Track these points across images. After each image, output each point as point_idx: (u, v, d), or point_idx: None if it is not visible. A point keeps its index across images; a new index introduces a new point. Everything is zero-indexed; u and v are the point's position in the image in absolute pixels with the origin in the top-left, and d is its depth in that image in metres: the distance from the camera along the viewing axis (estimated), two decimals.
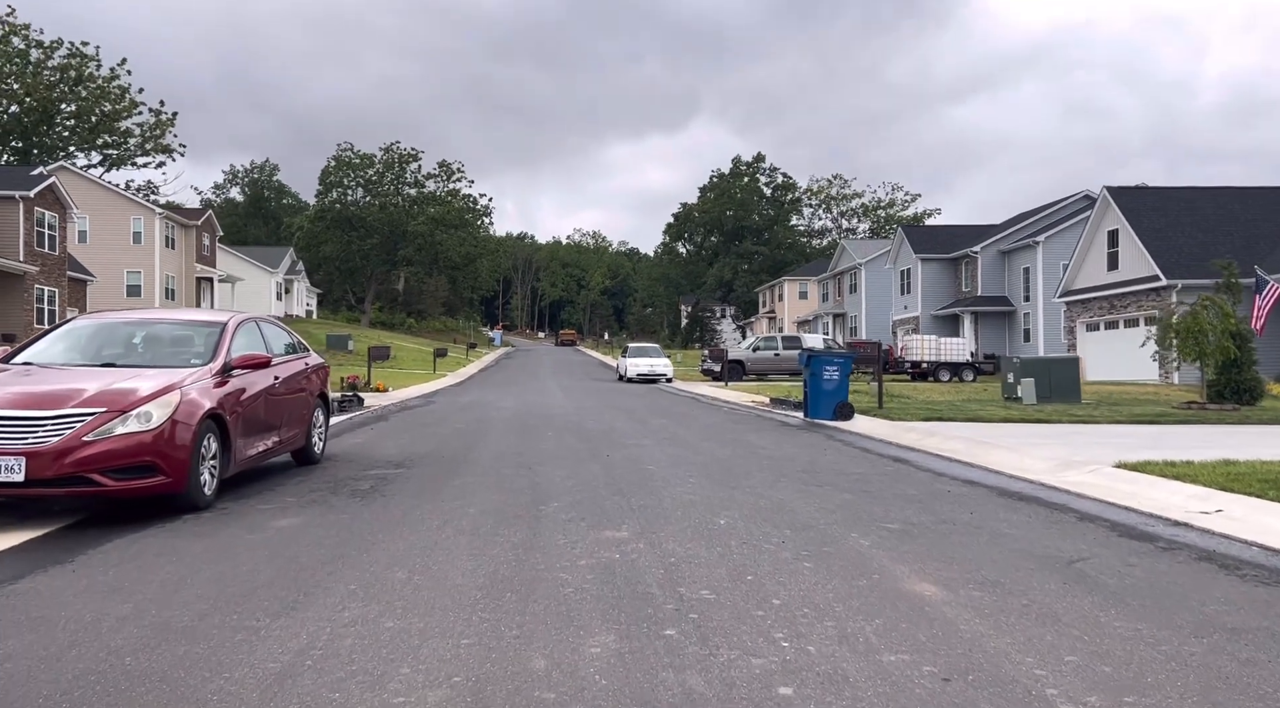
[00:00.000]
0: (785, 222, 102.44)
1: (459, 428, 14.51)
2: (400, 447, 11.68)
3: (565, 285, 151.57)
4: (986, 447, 11.46)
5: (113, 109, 65.33)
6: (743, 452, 11.29)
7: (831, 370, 16.16)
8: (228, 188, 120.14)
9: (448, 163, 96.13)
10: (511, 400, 22.65)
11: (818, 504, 7.43)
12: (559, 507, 7.21)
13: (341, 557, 5.53)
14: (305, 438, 9.56)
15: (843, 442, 12.74)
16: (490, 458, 10.43)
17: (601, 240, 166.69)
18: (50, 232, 37.90)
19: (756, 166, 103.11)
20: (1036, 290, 45.48)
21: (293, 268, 78.11)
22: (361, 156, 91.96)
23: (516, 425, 14.90)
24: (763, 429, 14.71)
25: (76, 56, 63.46)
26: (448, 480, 8.65)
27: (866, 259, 63.28)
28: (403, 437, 13.09)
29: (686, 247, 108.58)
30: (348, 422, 15.91)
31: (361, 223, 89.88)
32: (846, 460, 10.54)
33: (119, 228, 53.13)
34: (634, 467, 9.68)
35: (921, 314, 52.51)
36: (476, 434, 13.40)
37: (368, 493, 7.92)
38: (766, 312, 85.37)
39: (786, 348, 37.18)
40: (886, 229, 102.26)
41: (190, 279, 58.13)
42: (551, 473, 9.14)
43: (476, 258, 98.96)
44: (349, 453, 11.01)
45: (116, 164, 67.66)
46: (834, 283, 69.26)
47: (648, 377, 35.64)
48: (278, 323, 9.85)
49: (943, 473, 9.49)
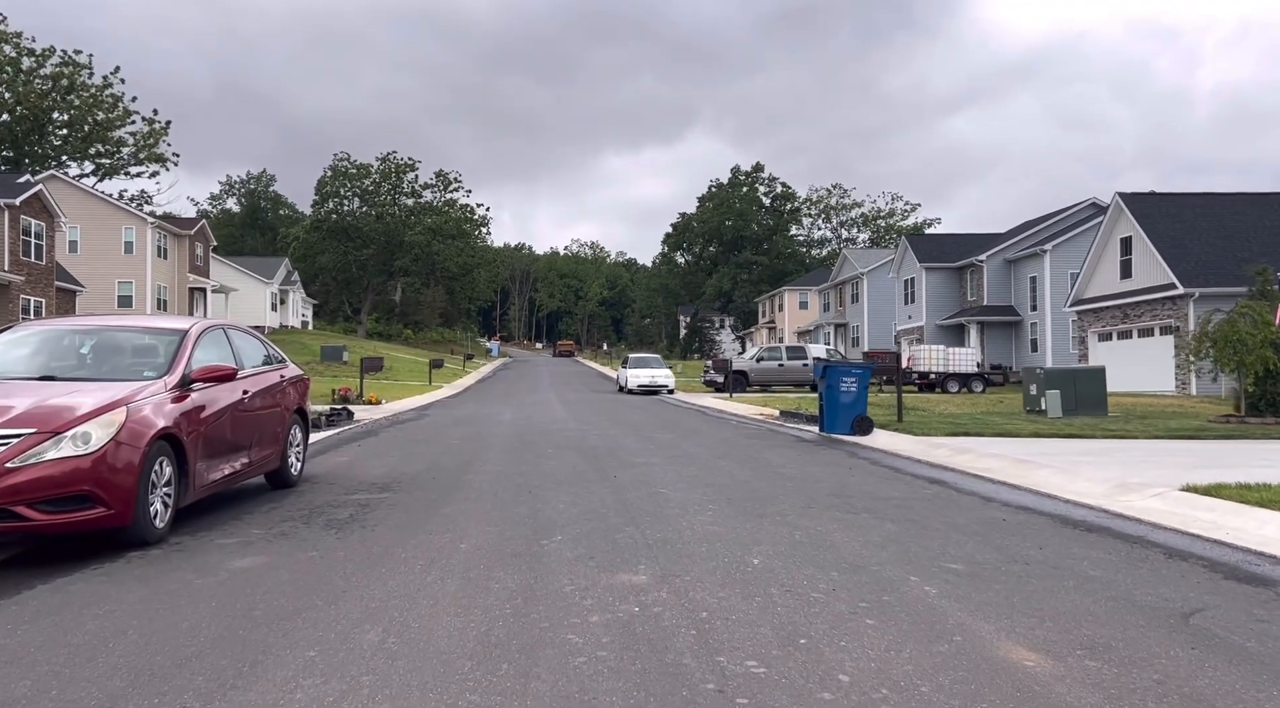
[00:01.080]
0: (785, 231, 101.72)
1: (453, 445, 13.54)
2: (388, 467, 10.72)
3: (563, 296, 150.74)
4: (1028, 466, 10.51)
5: (105, 118, 64.52)
6: (762, 472, 10.33)
7: (849, 382, 15.23)
8: (224, 199, 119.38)
9: (445, 172, 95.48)
10: (510, 414, 21.69)
11: (861, 537, 6.48)
12: (564, 541, 6.25)
13: (304, 610, 4.58)
14: (280, 458, 8.60)
15: (868, 460, 11.78)
16: (486, 480, 9.47)
17: (599, 251, 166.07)
18: (37, 240, 36.98)
19: (755, 176, 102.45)
20: (1044, 299, 44.62)
21: (288, 278, 77.16)
22: (358, 166, 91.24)
23: (515, 442, 13.94)
24: (778, 445, 13.75)
25: (69, 65, 62.71)
26: (437, 508, 7.69)
27: (869, 268, 62.46)
28: (392, 455, 12.13)
29: (685, 257, 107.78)
30: (335, 437, 14.94)
31: (358, 233, 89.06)
32: (878, 482, 9.58)
33: (110, 238, 52.24)
34: (646, 490, 8.73)
35: (926, 324, 51.64)
36: (472, 452, 12.44)
37: (346, 523, 6.96)
38: (766, 322, 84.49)
39: (791, 358, 36.28)
40: (887, 239, 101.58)
41: (183, 289, 57.20)
42: (554, 498, 8.18)
43: (474, 268, 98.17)
44: (331, 474, 10.05)
45: (109, 173, 66.82)
46: (835, 292, 68.41)
47: (649, 388, 34.69)
48: (251, 331, 8.90)
49: (990, 497, 8.53)
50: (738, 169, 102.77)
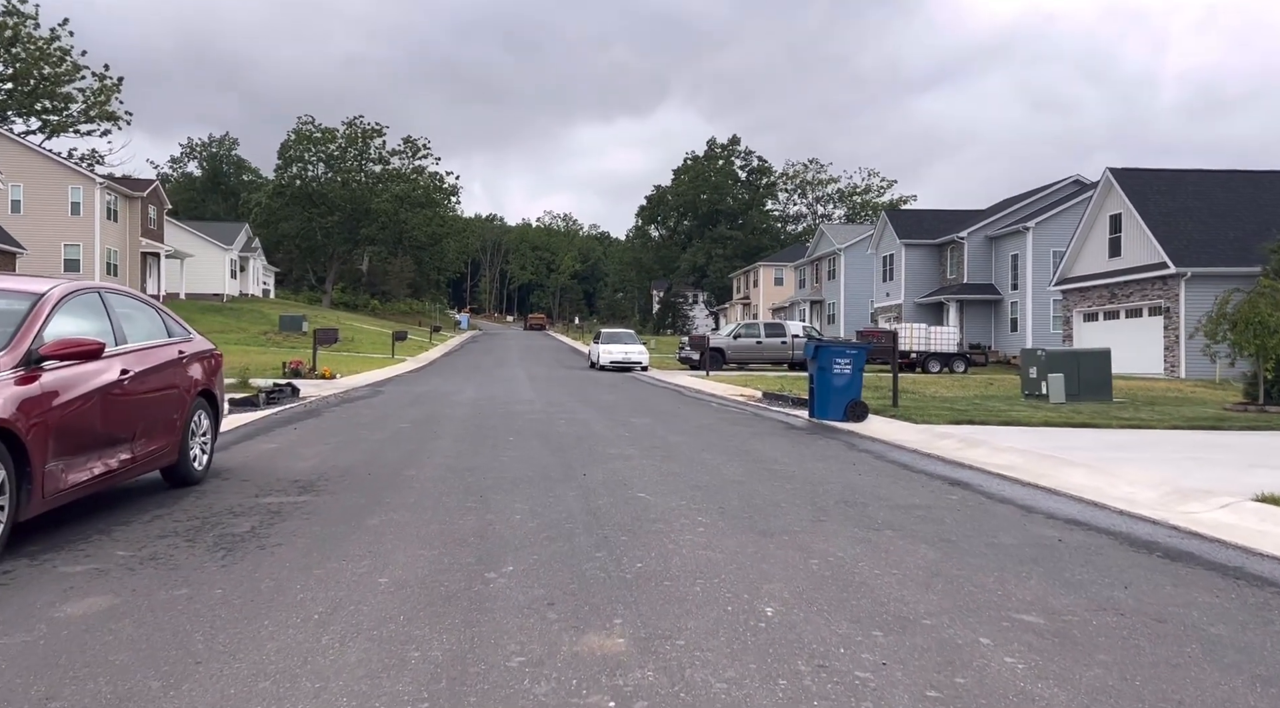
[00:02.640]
0: (760, 206, 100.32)
1: (401, 429, 12.03)
2: (320, 457, 9.20)
3: (535, 269, 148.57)
4: (1055, 463, 9.22)
5: (53, 72, 61.42)
6: (756, 469, 8.94)
7: (843, 364, 13.88)
8: (185, 162, 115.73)
9: (413, 139, 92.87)
10: (471, 392, 20.16)
11: (895, 568, 5.11)
12: (516, 574, 4.82)
13: (129, 698, 3.12)
14: (178, 451, 7.07)
15: (871, 453, 10.44)
16: (431, 478, 7.99)
17: (572, 224, 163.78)
18: None
19: (731, 149, 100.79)
20: (1025, 278, 43.66)
21: (248, 245, 74.62)
22: (323, 131, 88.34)
23: (472, 427, 12.45)
24: (767, 433, 12.39)
25: (12, 14, 59.43)
26: (363, 518, 6.22)
27: (846, 245, 61.28)
28: (329, 441, 10.60)
29: (659, 230, 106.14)
30: (271, 418, 13.38)
31: (323, 199, 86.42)
32: (892, 483, 8.23)
33: (56, 198, 49.71)
34: (621, 494, 7.31)
35: (904, 302, 50.62)
36: (421, 439, 10.94)
37: (241, 541, 5.47)
38: (741, 298, 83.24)
39: (769, 335, 34.99)
40: (862, 215, 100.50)
41: (135, 254, 54.78)
42: (510, 506, 6.73)
43: (442, 238, 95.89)
44: (249, 466, 8.53)
45: (57, 131, 63.75)
46: (811, 269, 67.23)
47: (622, 364, 33.25)
48: (145, 298, 7.31)
49: (1029, 506, 7.21)
50: (713, 142, 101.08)
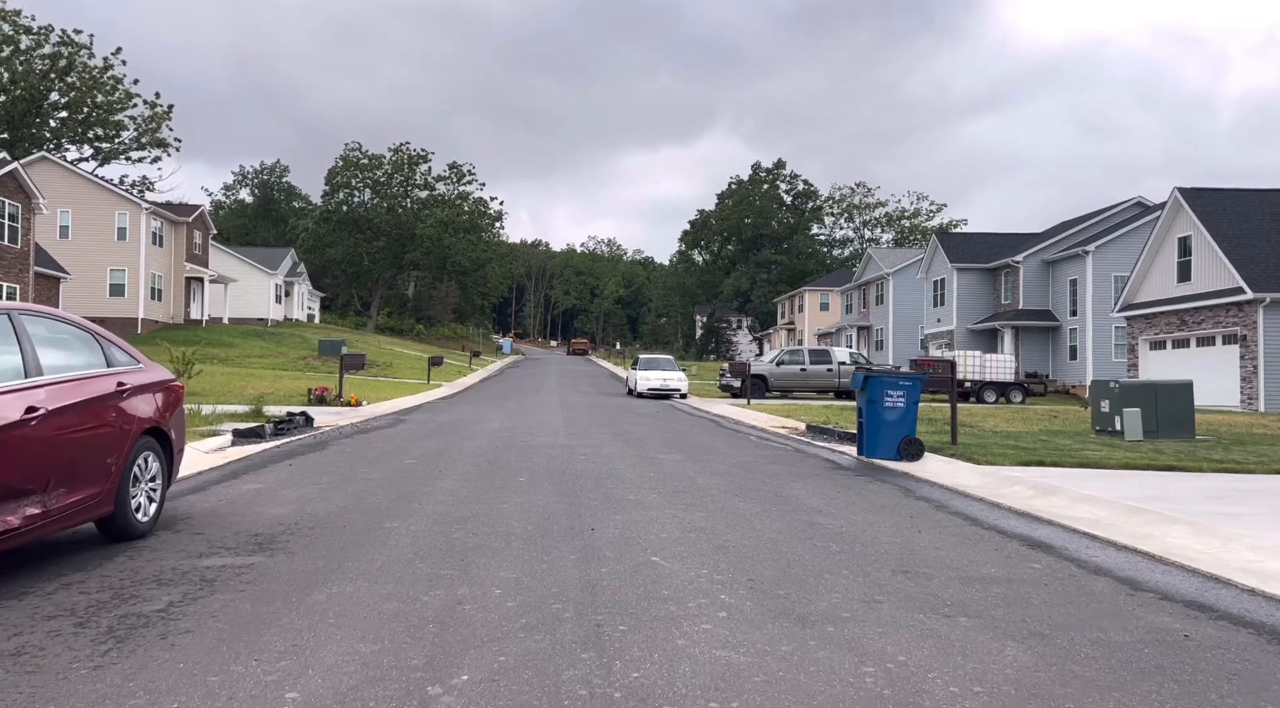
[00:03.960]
0: (806, 230, 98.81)
1: (406, 466, 10.95)
2: (300, 502, 8.13)
3: (579, 294, 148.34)
4: (1149, 519, 7.81)
5: (105, 100, 62.47)
6: (795, 523, 7.66)
7: (896, 397, 12.54)
8: (237, 189, 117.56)
9: (458, 165, 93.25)
10: (497, 421, 19.09)
11: (978, 684, 3.82)
12: (468, 692, 3.62)
13: None
14: (113, 500, 6.02)
15: (931, 502, 9.09)
16: (413, 532, 6.85)
17: (616, 249, 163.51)
18: (11, 223, 34.72)
19: (776, 173, 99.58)
20: (1085, 304, 41.64)
21: (294, 270, 74.99)
22: (370, 157, 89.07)
23: (483, 464, 11.32)
24: (809, 475, 11.08)
25: (68, 44, 60.63)
26: (309, 592, 5.08)
27: (895, 269, 59.58)
28: (320, 481, 9.54)
29: (703, 255, 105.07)
30: (271, 452, 12.41)
31: (369, 225, 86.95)
32: (958, 545, 6.91)
33: (102, 223, 50.15)
34: (630, 558, 6.09)
35: (956, 328, 48.77)
36: (422, 479, 9.83)
37: (142, 628, 4.37)
38: (785, 323, 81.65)
39: (814, 362, 33.54)
40: (911, 239, 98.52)
41: (179, 279, 55.11)
42: (492, 573, 5.56)
43: (486, 262, 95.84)
44: (215, 513, 7.48)
45: (109, 158, 64.77)
46: (859, 293, 65.53)
47: (659, 392, 32.04)
48: (73, 320, 6.28)
49: (1135, 580, 5.84)
50: (758, 166, 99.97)
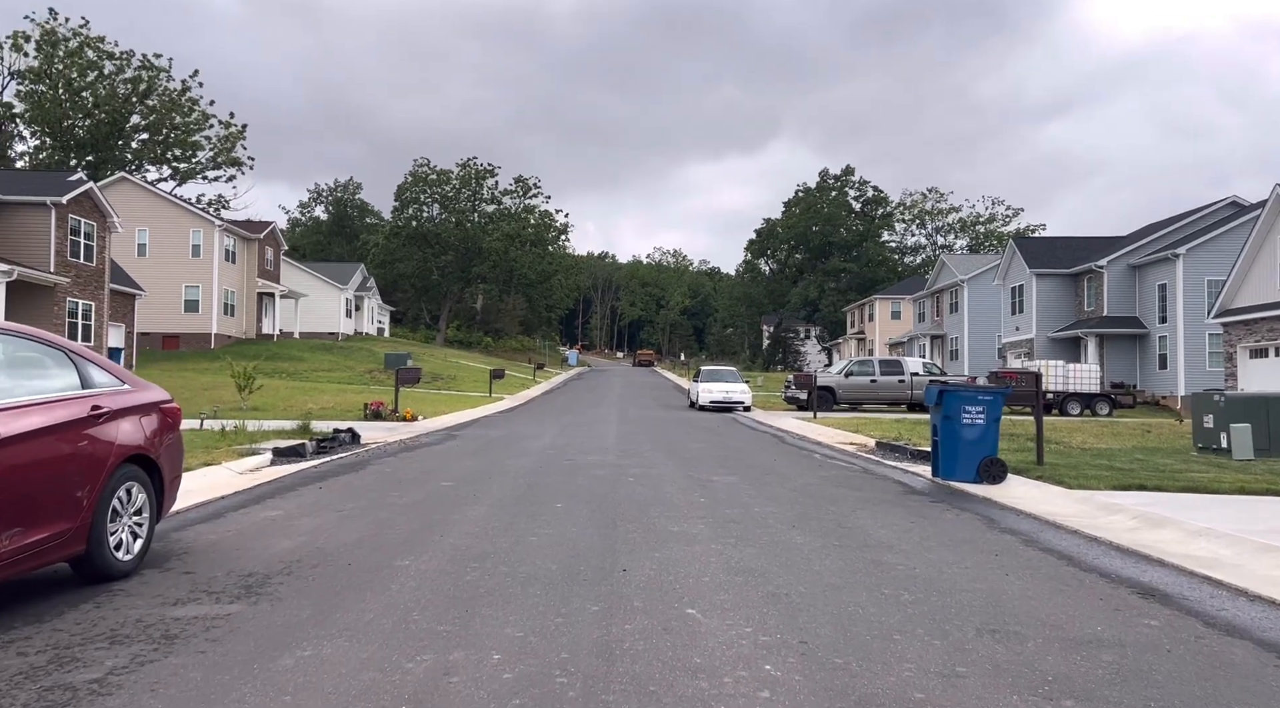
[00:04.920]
0: (876, 237, 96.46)
1: (440, 490, 10.25)
2: (312, 534, 7.46)
3: (644, 305, 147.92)
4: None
5: (183, 122, 64.22)
6: (860, 562, 6.68)
7: (975, 412, 11.41)
8: (313, 206, 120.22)
9: (524, 178, 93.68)
10: (550, 437, 18.38)
11: None
12: None
13: None
14: (85, 538, 5.39)
15: (1019, 536, 7.99)
16: (422, 573, 6.08)
17: (682, 260, 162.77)
18: (86, 241, 35.51)
19: (845, 180, 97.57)
20: (1176, 310, 39.26)
21: (364, 285, 75.99)
22: (438, 172, 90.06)
23: (522, 487, 10.56)
24: (879, 501, 10.03)
25: (148, 68, 62.52)
26: (279, 654, 4.33)
27: (969, 275, 57.44)
28: (343, 507, 8.89)
29: (770, 264, 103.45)
30: (308, 471, 11.87)
31: (437, 239, 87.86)
32: (1054, 593, 5.85)
33: (178, 241, 51.35)
34: (662, 610, 5.21)
35: (1036, 337, 46.62)
36: (451, 505, 9.10)
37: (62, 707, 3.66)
38: (855, 333, 79.68)
39: (885, 373, 32.15)
40: (986, 245, 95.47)
41: (251, 294, 56.13)
42: (496, 630, 4.74)
43: (551, 275, 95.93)
44: (216, 546, 6.84)
45: (186, 177, 66.54)
46: (932, 301, 63.45)
47: (722, 405, 31.04)
48: (41, 336, 5.64)
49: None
50: (826, 172, 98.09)
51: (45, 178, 37.96)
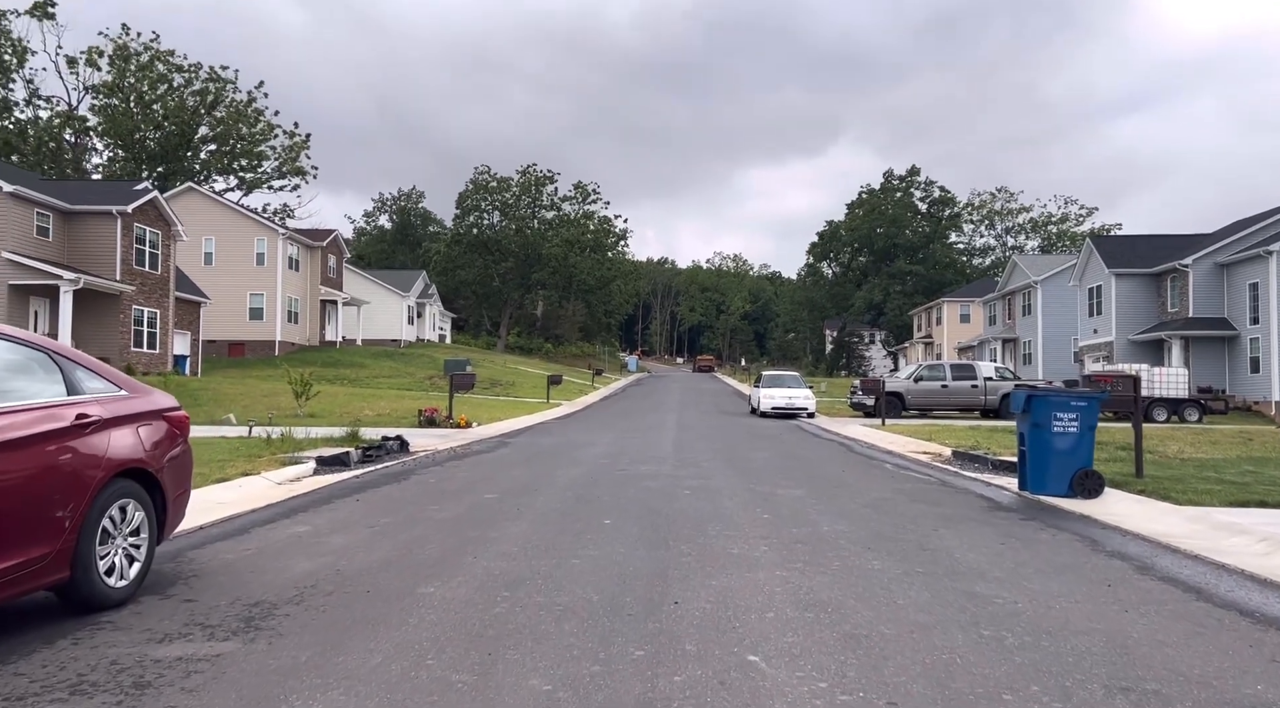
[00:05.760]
0: (943, 239, 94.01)
1: (482, 503, 9.58)
2: (336, 554, 6.82)
3: (704, 310, 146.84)
4: None
5: (249, 132, 65.40)
6: (950, 596, 5.77)
7: (1067, 420, 10.34)
8: (377, 215, 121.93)
9: (583, 185, 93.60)
10: (604, 445, 17.67)
11: None
12: None
13: None
14: (68, 563, 4.80)
15: (1130, 562, 6.97)
16: (442, 606, 5.37)
17: (742, 264, 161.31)
18: (151, 249, 36.04)
19: (910, 181, 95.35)
20: (1270, 310, 36.98)
21: (425, 292, 76.50)
22: (499, 180, 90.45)
23: (570, 500, 9.83)
24: (962, 518, 9.06)
25: (215, 81, 63.82)
26: None
27: (1043, 276, 55.31)
28: (376, 523, 8.26)
29: (832, 267, 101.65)
30: (349, 482, 11.33)
31: (497, 246, 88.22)
32: (1190, 639, 4.88)
33: (243, 249, 52.10)
34: (717, 659, 4.41)
35: (1115, 339, 44.50)
36: (491, 521, 8.41)
37: None
38: (922, 336, 77.56)
39: (957, 378, 30.75)
40: (1059, 246, 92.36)
41: (315, 301, 56.72)
42: (516, 685, 3.98)
43: (611, 280, 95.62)
44: (225, 570, 6.23)
45: (252, 187, 67.77)
46: (1003, 304, 61.28)
47: (784, 411, 30.01)
48: (16, 336, 5.07)
49: None
50: (890, 173, 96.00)
51: (111, 187, 38.69)
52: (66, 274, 30.60)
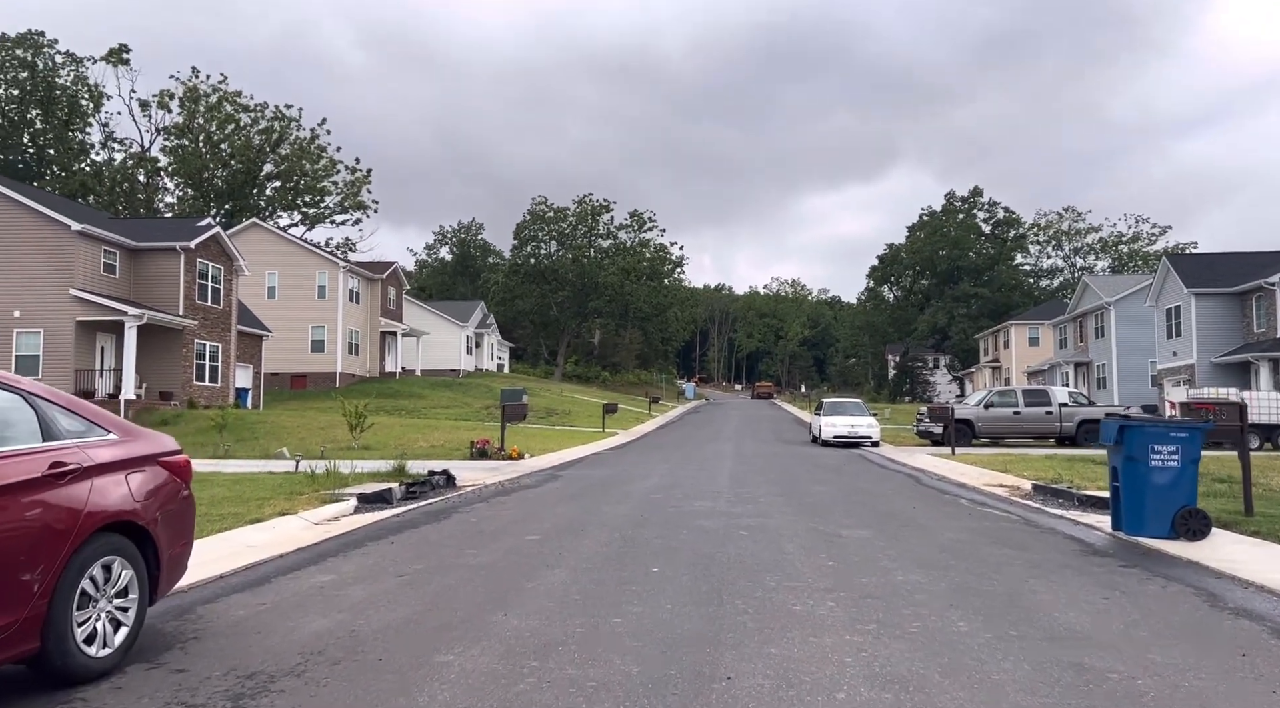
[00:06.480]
0: (1008, 260, 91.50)
1: (522, 546, 8.92)
2: (350, 612, 6.20)
3: (762, 336, 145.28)
4: None
5: (312, 169, 66.75)
6: (1056, 673, 4.88)
7: (1167, 453, 9.31)
8: (438, 247, 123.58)
9: (639, 213, 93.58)
10: (657, 477, 16.92)
11: None
12: None
13: None
14: (38, 633, 4.24)
15: (1262, 622, 5.97)
16: (457, 682, 4.68)
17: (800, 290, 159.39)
18: (214, 284, 36.55)
19: (973, 202, 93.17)
20: None
21: (483, 322, 76.87)
22: (556, 210, 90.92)
23: (616, 542, 9.11)
24: (1054, 565, 8.10)
25: (280, 119, 65.34)
26: None
27: (1116, 297, 53.15)
28: (403, 572, 7.64)
29: (894, 291, 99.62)
30: (387, 521, 10.79)
31: (554, 275, 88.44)
32: None
33: (305, 283, 52.79)
34: None
35: (1197, 362, 42.36)
36: (531, 567, 7.73)
37: None
38: (989, 361, 75.26)
39: (1030, 404, 29.30)
40: (1130, 266, 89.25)
41: (375, 333, 57.19)
42: None
43: (667, 308, 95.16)
44: (230, 630, 5.65)
45: (315, 222, 69.05)
46: (1074, 326, 59.09)
47: (847, 439, 28.91)
48: None
49: None
50: (952, 195, 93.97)
51: (176, 224, 39.47)
52: (131, 309, 31.08)
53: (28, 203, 31.33)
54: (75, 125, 63.31)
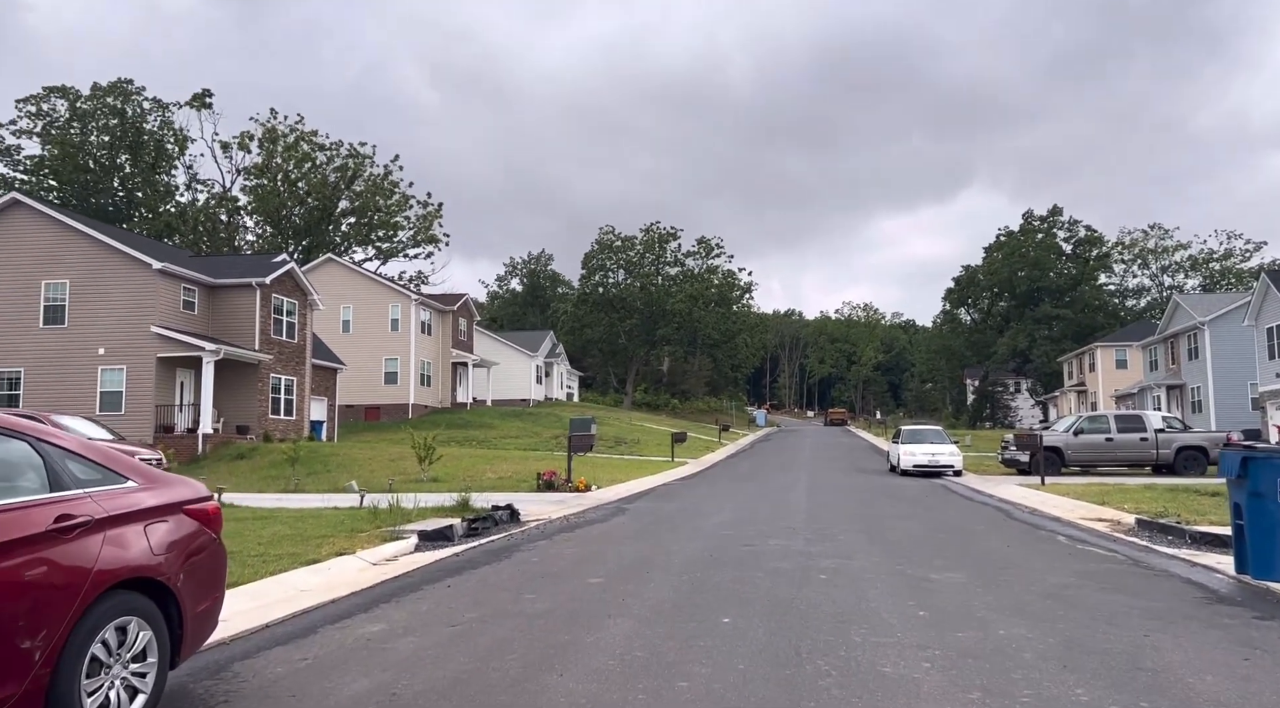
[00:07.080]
0: (1091, 280, 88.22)
1: (585, 590, 8.36)
2: (394, 670, 5.72)
3: (834, 362, 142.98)
4: None
5: (385, 204, 68.10)
6: None
7: None
8: (509, 279, 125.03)
9: (706, 239, 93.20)
10: (729, 510, 16.22)
11: None
12: None
13: None
14: (41, 704, 3.84)
15: None
16: None
17: (873, 313, 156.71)
18: (289, 319, 37.20)
19: (1053, 221, 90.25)
20: None
21: (552, 351, 77.15)
22: (623, 239, 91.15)
23: (686, 585, 8.48)
24: (1175, 615, 7.21)
25: (355, 156, 66.92)
26: None
27: (1210, 317, 50.51)
28: (457, 621, 7.15)
29: (971, 314, 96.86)
30: (447, 561, 10.36)
31: (622, 304, 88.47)
32: None
33: (378, 316, 53.60)
34: None
35: None
36: (592, 616, 7.16)
37: None
38: (1074, 384, 72.36)
39: (1123, 430, 27.69)
40: (1223, 284, 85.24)
41: (446, 364, 57.73)
42: None
43: (736, 334, 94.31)
44: (261, 693, 5.20)
45: (389, 256, 70.32)
46: (1165, 347, 56.37)
47: (927, 469, 27.71)
48: None
49: None
50: (1030, 214, 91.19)
51: (252, 261, 40.37)
52: (208, 345, 31.73)
53: (111, 243, 32.34)
54: (161, 168, 65.88)
